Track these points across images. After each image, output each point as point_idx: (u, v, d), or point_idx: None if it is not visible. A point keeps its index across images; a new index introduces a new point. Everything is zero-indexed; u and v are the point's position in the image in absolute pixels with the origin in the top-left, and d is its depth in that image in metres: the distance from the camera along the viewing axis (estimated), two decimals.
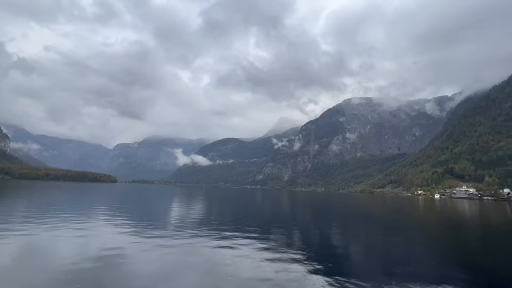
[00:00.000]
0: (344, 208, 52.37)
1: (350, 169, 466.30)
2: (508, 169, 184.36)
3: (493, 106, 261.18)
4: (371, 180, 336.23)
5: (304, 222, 28.44)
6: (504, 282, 10.61)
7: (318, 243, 16.61)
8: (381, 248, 16.62)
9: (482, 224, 33.41)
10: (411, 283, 9.28)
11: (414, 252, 15.89)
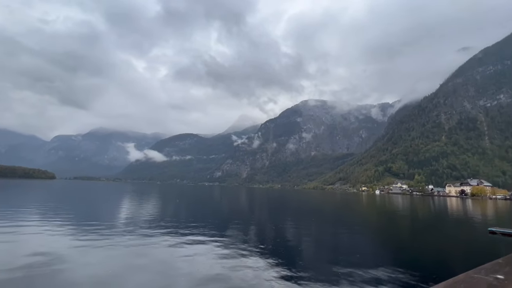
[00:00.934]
0: (298, 204, 55.17)
1: (305, 167, 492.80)
2: (433, 168, 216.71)
3: (423, 114, 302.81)
4: (323, 177, 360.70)
5: (260, 218, 29.18)
6: (427, 262, 12.50)
7: (273, 238, 17.24)
8: (329, 240, 18.03)
9: (411, 216, 38.59)
10: (355, 269, 10.32)
11: (358, 242, 17.63)
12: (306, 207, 47.32)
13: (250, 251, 12.85)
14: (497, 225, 23.06)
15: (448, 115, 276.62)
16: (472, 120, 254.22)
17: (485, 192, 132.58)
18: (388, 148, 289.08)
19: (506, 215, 40.51)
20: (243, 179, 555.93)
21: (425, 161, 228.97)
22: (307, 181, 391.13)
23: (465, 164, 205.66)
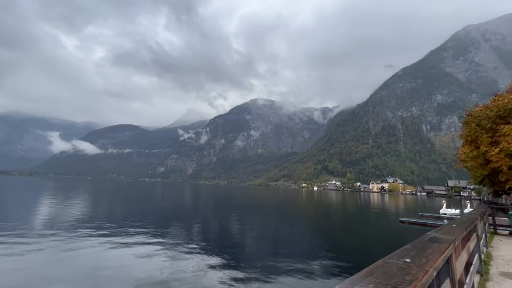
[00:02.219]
0: (243, 201, 56.15)
1: (252, 164, 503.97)
2: (361, 168, 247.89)
3: (356, 119, 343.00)
4: (268, 174, 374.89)
5: (205, 215, 28.67)
6: (353, 250, 14.23)
7: (216, 235, 17.13)
8: (271, 234, 18.87)
9: (341, 210, 43.35)
10: (294, 261, 11.04)
11: (296, 235, 18.92)
12: (251, 203, 48.49)
13: (191, 249, 12.51)
14: (406, 216, 27.83)
15: (375, 121, 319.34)
16: (392, 127, 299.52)
17: (398, 188, 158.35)
18: (326, 148, 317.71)
19: (412, 207, 49.13)
20: (188, 175, 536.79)
21: (356, 161, 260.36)
22: (253, 178, 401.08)
23: (385, 164, 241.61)
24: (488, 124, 12.80)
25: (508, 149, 11.13)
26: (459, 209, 31.46)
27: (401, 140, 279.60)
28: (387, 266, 1.15)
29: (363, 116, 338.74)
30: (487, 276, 5.41)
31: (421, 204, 58.13)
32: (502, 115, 12.42)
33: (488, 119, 12.86)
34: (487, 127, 12.85)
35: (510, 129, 11.30)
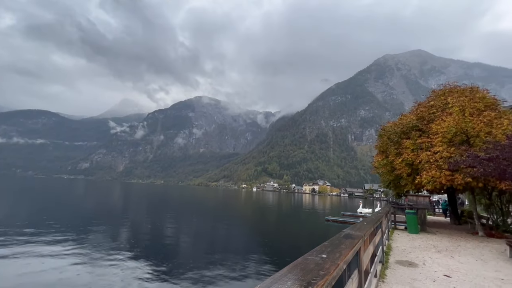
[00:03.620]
0: (180, 201, 53.66)
1: (192, 163, 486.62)
2: (296, 170, 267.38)
3: (295, 125, 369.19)
4: (208, 174, 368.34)
5: (136, 217, 26.23)
6: (284, 248, 15.13)
7: (148, 238, 15.86)
8: (207, 235, 18.52)
9: (276, 210, 45.80)
10: (228, 262, 11.05)
11: (233, 235, 19.04)
12: (188, 204, 46.68)
13: (118, 255, 11.26)
14: (331, 215, 31.23)
15: (310, 129, 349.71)
16: (324, 135, 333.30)
17: (326, 190, 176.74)
18: (267, 151, 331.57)
19: (336, 207, 55.45)
20: (118, 173, 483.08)
21: (292, 164, 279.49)
22: (193, 178, 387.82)
23: (317, 168, 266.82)
24: (395, 138, 15.49)
25: (407, 159, 13.69)
26: (372, 208, 36.99)
27: (331, 147, 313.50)
28: (306, 262, 1.24)
29: (301, 123, 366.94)
30: (387, 264, 6.49)
31: (344, 204, 66.09)
32: (405, 131, 15.22)
33: (395, 134, 15.57)
34: (394, 140, 15.53)
35: (410, 143, 13.95)
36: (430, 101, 15.97)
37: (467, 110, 12.60)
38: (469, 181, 11.02)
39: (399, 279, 5.39)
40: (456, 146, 11.84)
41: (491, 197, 13.89)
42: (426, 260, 7.06)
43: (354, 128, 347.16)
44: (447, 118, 12.61)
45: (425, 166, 12.45)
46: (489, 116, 12.11)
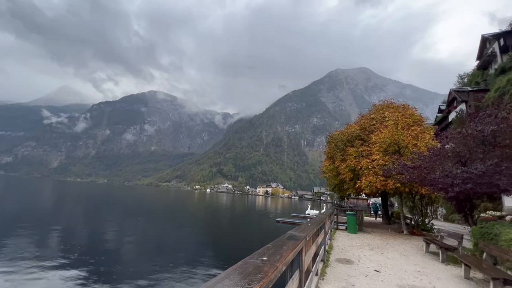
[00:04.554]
0: (126, 202, 49.43)
1: (142, 161, 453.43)
2: (251, 172, 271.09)
3: (252, 128, 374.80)
4: (159, 174, 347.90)
5: (70, 221, 23.17)
6: (235, 249, 15.05)
7: (83, 244, 14.10)
8: (154, 239, 17.36)
9: (230, 211, 45.61)
10: (175, 266, 10.47)
11: (182, 238, 18.22)
12: (134, 205, 43.23)
13: (45, 263, 9.72)
14: (281, 216, 32.36)
15: (267, 132, 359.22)
16: (280, 139, 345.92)
17: (279, 192, 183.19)
18: (223, 152, 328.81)
19: (287, 209, 57.78)
20: (51, 170, 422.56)
21: (248, 166, 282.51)
22: (142, 177, 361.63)
23: (271, 171, 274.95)
24: (341, 145, 16.89)
25: (350, 165, 15.05)
26: (319, 210, 39.53)
27: (285, 151, 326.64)
28: (245, 266, 1.21)
29: (258, 126, 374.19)
30: (328, 262, 6.96)
31: (294, 206, 69.26)
32: (350, 140, 16.72)
33: (342, 142, 16.98)
34: (340, 147, 16.93)
35: (353, 151, 15.37)
36: (371, 114, 17.86)
37: (399, 124, 14.45)
38: (398, 186, 12.62)
39: (337, 276, 5.81)
40: (389, 155, 13.44)
41: (414, 201, 16.11)
42: (361, 257, 7.79)
43: (307, 134, 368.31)
44: (384, 130, 14.26)
45: (365, 172, 13.83)
46: (416, 131, 14.10)
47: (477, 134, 8.97)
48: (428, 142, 13.28)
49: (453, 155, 9.70)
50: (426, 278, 5.93)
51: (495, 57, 30.84)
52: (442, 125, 29.76)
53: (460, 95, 28.77)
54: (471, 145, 9.25)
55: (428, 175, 9.70)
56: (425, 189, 12.06)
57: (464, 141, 9.39)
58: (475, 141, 9.14)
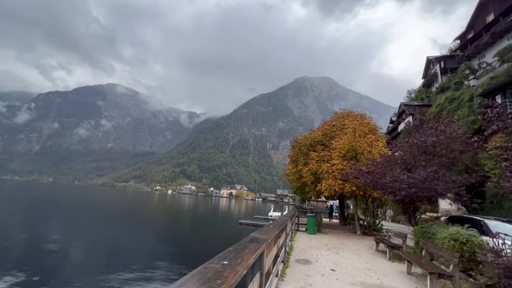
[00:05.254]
0: (72, 204, 44.83)
1: (96, 159, 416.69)
2: (216, 174, 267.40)
3: (219, 129, 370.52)
4: (116, 173, 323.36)
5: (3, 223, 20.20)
6: (195, 253, 14.57)
7: (22, 251, 12.37)
8: (106, 243, 15.98)
9: (192, 213, 44.25)
10: (129, 271, 9.72)
11: (140, 241, 17.09)
12: (84, 208, 39.41)
13: None
14: (245, 218, 32.42)
15: (234, 134, 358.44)
16: (246, 141, 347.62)
17: (243, 194, 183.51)
18: (188, 152, 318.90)
19: (251, 211, 58.14)
20: None
21: (212, 167, 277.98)
22: (95, 176, 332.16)
23: (236, 173, 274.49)
24: (305, 150, 17.58)
25: (312, 168, 15.74)
26: (281, 212, 40.48)
27: (251, 153, 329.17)
28: (205, 271, 1.17)
29: (225, 127, 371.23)
30: (288, 263, 7.14)
31: (257, 208, 70.00)
32: (313, 145, 17.50)
33: (305, 146, 17.69)
34: (304, 151, 17.61)
35: (315, 155, 16.11)
36: (333, 121, 18.94)
37: (357, 132, 15.57)
38: (354, 190, 13.55)
39: (296, 276, 5.99)
40: (347, 161, 14.38)
41: (367, 203, 17.45)
42: (319, 257, 8.15)
43: (272, 138, 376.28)
44: (343, 137, 15.23)
45: (325, 176, 14.58)
46: (371, 139, 15.33)
47: (420, 144, 10.08)
48: (381, 149, 14.51)
49: (401, 162, 10.75)
50: (375, 275, 6.43)
51: (436, 77, 35.15)
52: (393, 135, 32.84)
53: (408, 108, 32.14)
54: (415, 154, 10.35)
55: (380, 180, 10.58)
56: (377, 193, 13.12)
57: (410, 150, 10.47)
58: (419, 150, 10.25)
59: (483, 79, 24.06)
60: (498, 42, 26.24)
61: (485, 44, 27.44)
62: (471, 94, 22.70)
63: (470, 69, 27.55)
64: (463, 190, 8.80)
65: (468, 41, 29.87)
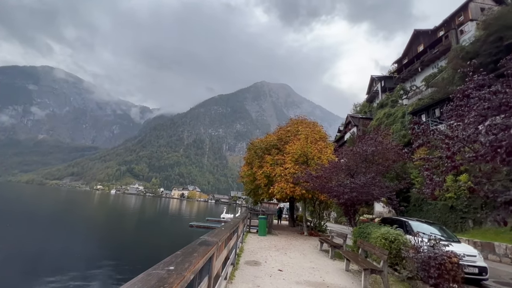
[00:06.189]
0: None
1: (21, 152, 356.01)
2: (168, 174, 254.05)
3: (173, 127, 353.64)
4: (47, 169, 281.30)
5: None
6: (140, 257, 13.48)
7: None
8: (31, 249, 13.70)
9: (138, 215, 41.10)
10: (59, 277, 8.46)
11: (74, 247, 15.08)
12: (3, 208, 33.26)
13: None
14: (196, 220, 31.43)
15: (189, 133, 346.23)
16: (202, 141, 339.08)
17: (195, 196, 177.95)
18: (137, 149, 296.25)
19: (203, 213, 56.67)
20: None
21: (164, 167, 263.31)
22: (19, 172, 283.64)
23: (190, 173, 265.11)
24: (260, 153, 17.95)
25: (266, 171, 16.15)
26: (234, 214, 40.45)
27: (206, 154, 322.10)
28: (147, 278, 1.07)
29: (180, 126, 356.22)
30: (237, 265, 7.13)
31: (210, 210, 68.66)
32: (268, 148, 18.00)
33: (261, 149, 18.07)
34: (259, 154, 17.96)
35: (270, 159, 16.59)
36: (288, 127, 19.77)
37: (309, 138, 16.55)
38: (304, 193, 14.33)
39: (245, 278, 6.02)
40: (299, 165, 15.15)
41: (315, 206, 18.63)
42: (267, 258, 8.34)
43: (229, 139, 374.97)
44: (297, 142, 16.02)
45: (278, 179, 15.09)
46: (321, 145, 16.45)
47: (362, 152, 11.21)
48: (329, 156, 15.67)
49: (346, 168, 11.77)
50: (318, 273, 6.87)
51: (378, 94, 39.67)
52: (340, 143, 35.84)
53: (354, 120, 35.50)
54: (358, 161, 11.46)
55: (327, 184, 11.41)
56: (323, 196, 14.10)
57: (354, 158, 11.55)
58: (360, 158, 11.38)
59: (413, 99, 28.02)
60: (425, 69, 30.95)
61: (415, 70, 32.09)
62: (403, 111, 26.22)
63: (403, 90, 31.84)
64: (394, 194, 10.07)
65: (403, 66, 34.56)
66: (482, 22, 22.89)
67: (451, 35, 28.17)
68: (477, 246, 11.05)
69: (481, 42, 21.19)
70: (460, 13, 28.82)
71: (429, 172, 4.54)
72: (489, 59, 18.84)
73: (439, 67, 28.42)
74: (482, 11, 26.42)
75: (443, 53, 28.06)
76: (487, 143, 3.28)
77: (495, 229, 12.07)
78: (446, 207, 14.92)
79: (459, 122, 4.30)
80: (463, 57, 21.95)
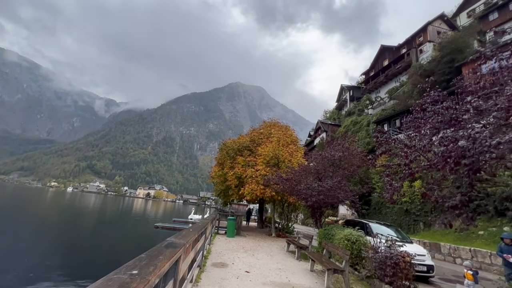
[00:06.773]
0: None
1: None
2: (133, 172, 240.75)
3: (142, 123, 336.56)
4: None
5: None
6: (98, 261, 12.50)
7: None
8: None
9: (97, 215, 38.27)
10: None
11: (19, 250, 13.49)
12: None
13: None
14: (162, 221, 30.17)
15: (158, 130, 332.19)
16: (172, 139, 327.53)
17: (162, 196, 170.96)
18: (100, 145, 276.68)
19: (169, 213, 54.62)
20: None
21: (129, 164, 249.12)
22: None
23: (157, 172, 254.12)
24: (232, 154, 17.85)
25: (237, 172, 16.11)
26: (202, 214, 39.60)
27: (176, 152, 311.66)
28: (107, 284, 0.99)
29: (149, 122, 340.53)
30: (204, 268, 6.99)
31: (177, 211, 66.44)
32: (240, 149, 17.97)
33: (233, 150, 17.98)
34: (231, 155, 17.86)
35: (242, 160, 16.58)
36: (261, 129, 19.97)
37: (281, 142, 16.88)
38: (273, 195, 14.55)
39: (211, 280, 5.91)
40: (270, 167, 15.36)
41: (284, 207, 19.02)
42: (235, 260, 8.30)
43: (201, 139, 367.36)
44: (269, 145, 16.23)
45: (249, 180, 15.13)
46: (292, 149, 16.88)
47: (330, 157, 11.73)
48: (299, 159, 16.12)
49: (314, 172, 12.21)
50: (284, 274, 7.00)
51: (346, 102, 41.88)
52: (310, 147, 37.13)
53: (324, 126, 37.02)
54: (326, 165, 11.97)
55: (296, 187, 11.72)
56: (292, 198, 14.45)
57: (322, 162, 12.04)
58: (328, 162, 11.90)
59: (377, 109, 30.09)
60: (389, 82, 33.45)
61: (380, 83, 34.53)
62: (368, 120, 28.03)
63: (369, 101, 34.05)
64: (357, 198, 10.69)
65: (370, 78, 36.99)
66: (438, 44, 25.46)
67: (412, 53, 30.86)
68: (426, 246, 12.17)
69: (437, 62, 23.54)
70: (420, 34, 31.69)
71: (389, 178, 4.90)
72: (442, 77, 20.99)
73: (401, 81, 30.94)
74: (438, 34, 29.34)
75: (404, 69, 30.61)
76: (439, 153, 3.64)
77: (442, 231, 13.40)
78: (402, 210, 16.21)
79: (416, 133, 4.72)
80: (421, 74, 24.19)
